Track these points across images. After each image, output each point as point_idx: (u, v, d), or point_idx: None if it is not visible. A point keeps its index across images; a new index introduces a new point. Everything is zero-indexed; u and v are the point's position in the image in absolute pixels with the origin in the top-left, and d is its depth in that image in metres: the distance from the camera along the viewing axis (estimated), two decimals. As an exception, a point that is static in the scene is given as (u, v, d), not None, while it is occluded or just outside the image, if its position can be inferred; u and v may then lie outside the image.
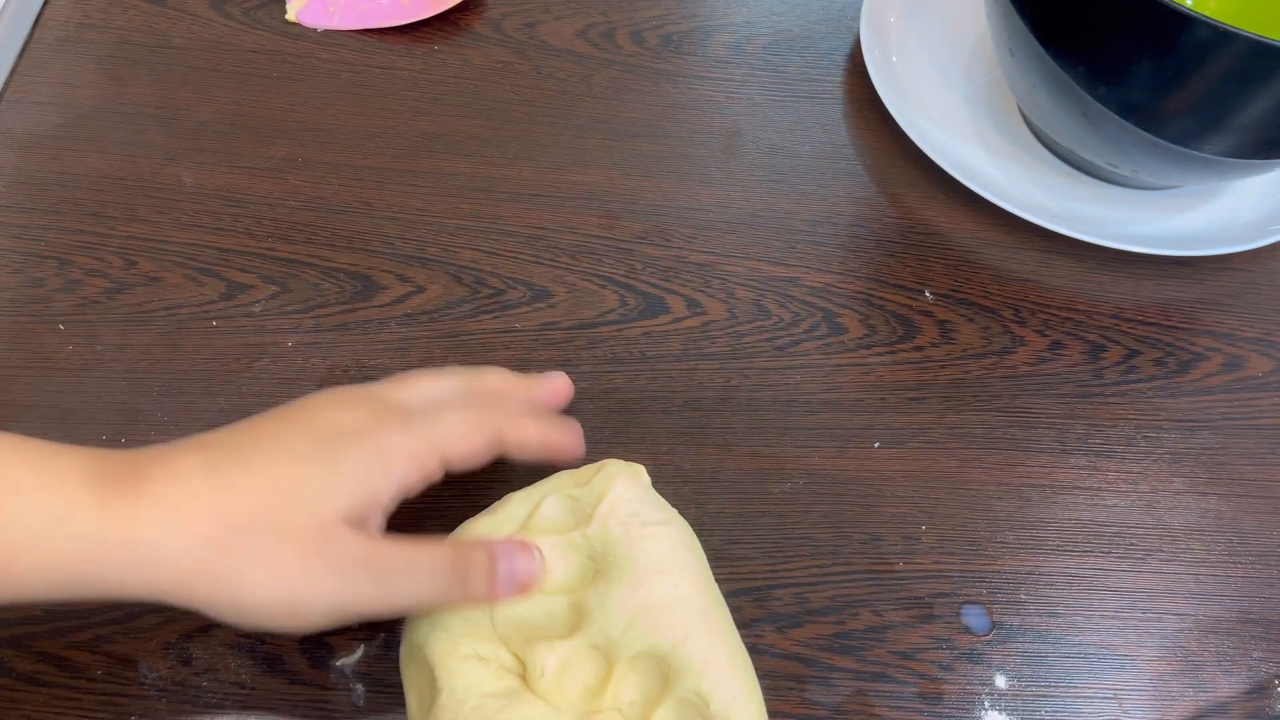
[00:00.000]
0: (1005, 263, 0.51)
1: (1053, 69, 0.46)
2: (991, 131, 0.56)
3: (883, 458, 0.44)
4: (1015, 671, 0.40)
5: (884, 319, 0.49)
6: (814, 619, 0.40)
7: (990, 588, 0.42)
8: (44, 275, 0.46)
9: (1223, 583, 0.43)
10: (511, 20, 0.57)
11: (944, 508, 0.43)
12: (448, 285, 0.47)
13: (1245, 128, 0.43)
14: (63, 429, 0.41)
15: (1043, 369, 0.48)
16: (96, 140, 0.50)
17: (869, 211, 0.52)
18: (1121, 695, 0.40)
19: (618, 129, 0.54)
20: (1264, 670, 0.41)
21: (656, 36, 0.58)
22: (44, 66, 0.52)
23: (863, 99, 0.56)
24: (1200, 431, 0.47)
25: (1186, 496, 0.45)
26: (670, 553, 0.35)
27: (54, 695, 0.36)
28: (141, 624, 0.37)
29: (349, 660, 0.38)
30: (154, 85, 0.52)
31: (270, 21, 0.56)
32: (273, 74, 0.54)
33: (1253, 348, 0.50)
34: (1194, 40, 0.39)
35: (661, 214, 0.51)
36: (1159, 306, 0.51)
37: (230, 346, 0.44)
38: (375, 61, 0.55)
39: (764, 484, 0.43)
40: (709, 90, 0.56)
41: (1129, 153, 0.48)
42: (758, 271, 0.49)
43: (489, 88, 0.55)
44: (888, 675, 0.39)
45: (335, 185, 0.50)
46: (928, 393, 0.47)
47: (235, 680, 0.37)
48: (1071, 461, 0.45)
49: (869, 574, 0.41)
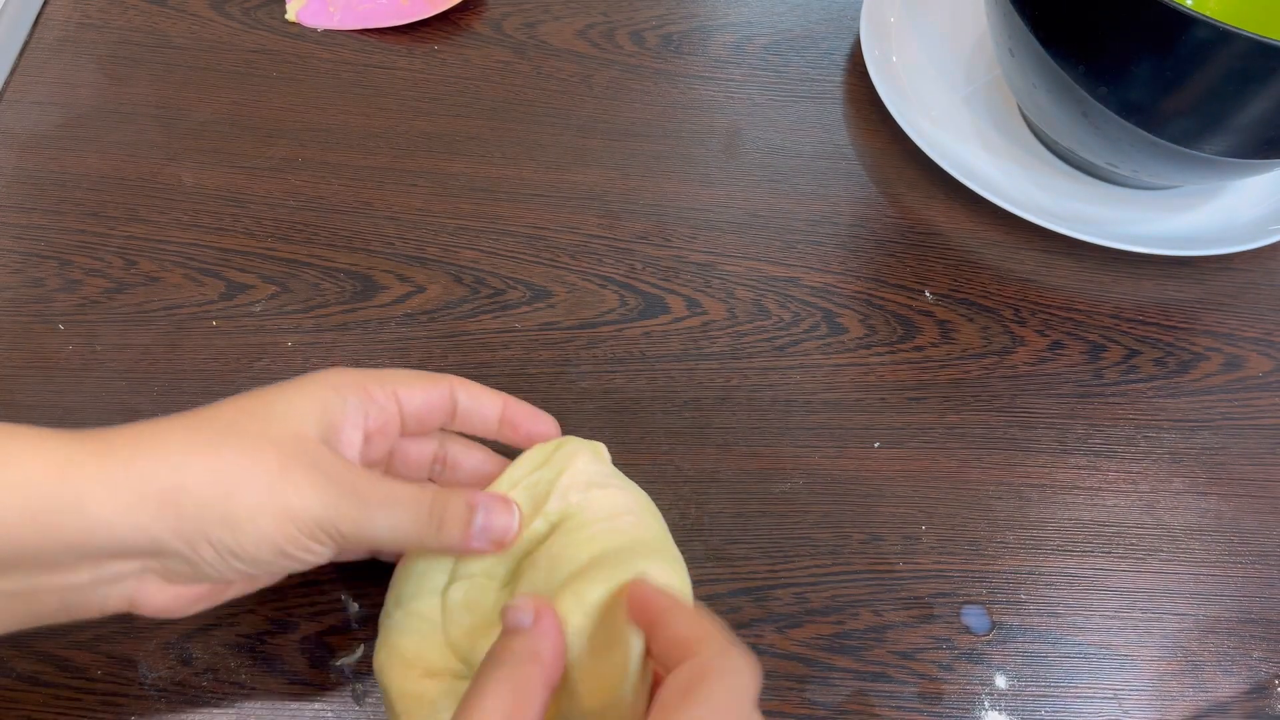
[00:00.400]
0: (1005, 263, 0.51)
1: (1053, 69, 0.46)
2: (991, 131, 0.56)
3: (883, 458, 0.44)
4: (1015, 671, 0.40)
5: (884, 319, 0.49)
6: (814, 619, 0.40)
7: (990, 588, 0.42)
8: (44, 275, 0.46)
9: (1223, 583, 0.43)
10: (511, 20, 0.57)
11: (944, 508, 0.43)
12: (448, 285, 0.47)
13: (1245, 127, 0.43)
14: (63, 428, 0.41)
15: (1043, 369, 0.48)
16: (96, 140, 0.50)
17: (869, 211, 0.52)
18: (1122, 695, 0.40)
19: (618, 129, 0.54)
20: (1264, 670, 0.41)
21: (656, 36, 0.58)
22: (44, 66, 0.52)
23: (863, 99, 0.56)
24: (1200, 431, 0.47)
25: (1186, 496, 0.45)
26: (622, 503, 0.35)
27: (54, 695, 0.36)
28: (141, 624, 0.37)
29: (349, 660, 0.38)
30: (154, 85, 0.52)
31: (270, 21, 0.56)
32: (273, 74, 0.54)
33: (1253, 348, 0.50)
34: (1194, 40, 0.39)
35: (661, 214, 0.51)
36: (1159, 306, 0.51)
37: (230, 346, 0.44)
38: (375, 61, 0.55)
39: (764, 484, 0.43)
40: (709, 90, 0.56)
41: (1129, 153, 0.48)
42: (758, 271, 0.49)
43: (489, 88, 0.55)
44: (888, 675, 0.39)
45: (335, 185, 0.50)
46: (928, 393, 0.47)
47: (235, 680, 0.37)
48: (1071, 461, 0.45)
49: (869, 574, 0.41)
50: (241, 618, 0.38)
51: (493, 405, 0.36)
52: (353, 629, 0.38)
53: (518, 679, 0.28)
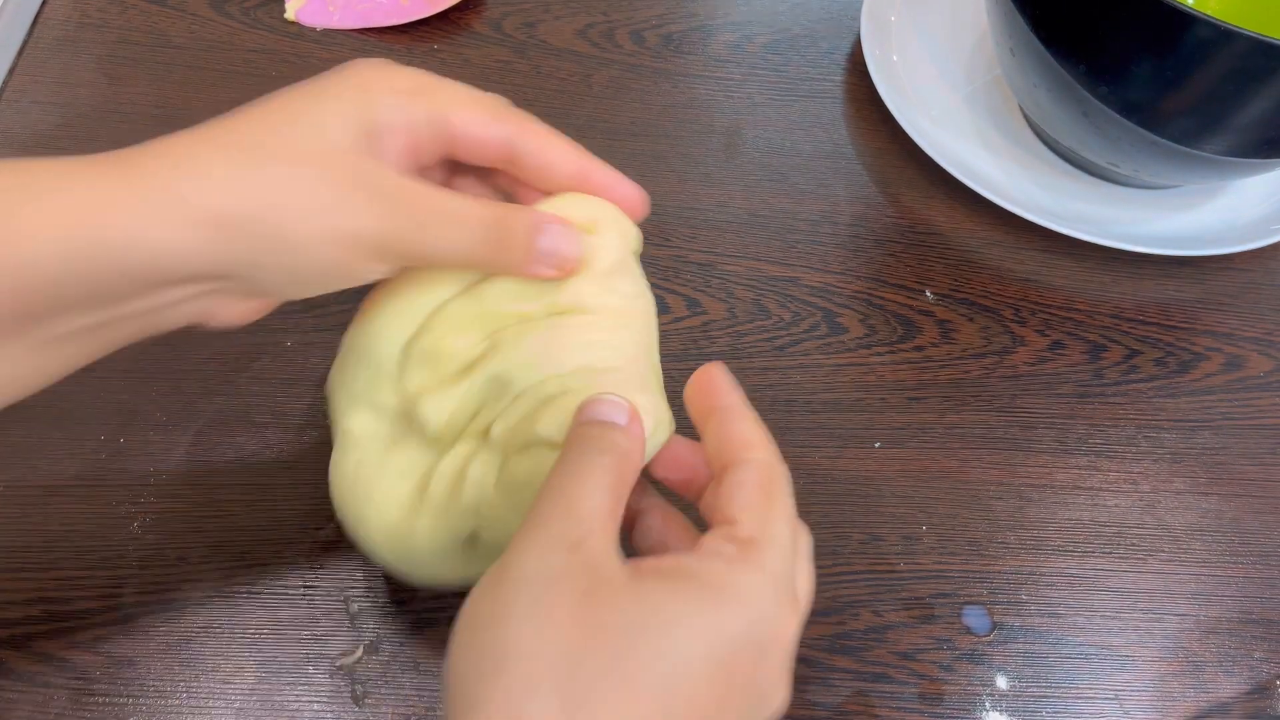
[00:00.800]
0: (1005, 262, 0.51)
1: (1053, 68, 0.46)
2: (992, 131, 0.56)
3: (883, 458, 0.44)
4: (1016, 672, 0.40)
5: (884, 319, 0.49)
6: (814, 619, 0.40)
7: (991, 588, 0.42)
8: (43, 275, 0.45)
9: (1223, 583, 0.43)
10: (511, 20, 0.57)
11: (944, 508, 0.43)
12: (447, 285, 0.47)
13: (1246, 127, 0.43)
14: (63, 429, 0.41)
15: (1043, 369, 0.48)
16: (96, 140, 0.50)
17: (869, 211, 0.52)
18: (1123, 696, 0.40)
19: (618, 129, 0.54)
20: (1265, 670, 0.41)
21: (656, 36, 0.58)
22: (43, 66, 0.52)
23: (863, 98, 0.56)
24: (1201, 431, 0.47)
25: (1187, 496, 0.45)
26: (630, 319, 0.32)
27: (54, 695, 0.36)
28: (141, 624, 0.37)
29: (349, 660, 0.38)
30: (153, 85, 0.52)
31: (270, 21, 0.56)
32: (272, 74, 0.53)
33: (1253, 347, 0.50)
34: (1195, 39, 0.39)
35: (661, 214, 0.51)
36: (1159, 306, 0.51)
37: (230, 346, 0.44)
38: (375, 61, 0.55)
39: (764, 484, 0.43)
40: (709, 90, 0.56)
41: (1130, 152, 0.48)
42: (758, 271, 0.49)
43: (488, 87, 0.54)
44: (888, 676, 0.39)
45: (335, 185, 0.50)
46: (928, 393, 0.46)
47: (235, 680, 0.37)
48: (1072, 461, 0.45)
49: (869, 574, 0.41)
50: (242, 618, 0.38)
51: (566, 160, 0.32)
52: (354, 631, 0.38)
53: (621, 470, 0.27)
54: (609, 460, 0.27)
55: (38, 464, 0.41)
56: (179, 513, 0.40)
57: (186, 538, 0.39)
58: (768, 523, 0.27)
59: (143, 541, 0.39)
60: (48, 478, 0.40)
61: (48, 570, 0.38)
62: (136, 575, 0.38)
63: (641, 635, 0.24)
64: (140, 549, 0.39)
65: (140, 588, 0.38)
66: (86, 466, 0.41)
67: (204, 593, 0.38)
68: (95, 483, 0.40)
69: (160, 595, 0.38)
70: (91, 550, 0.39)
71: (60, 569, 0.38)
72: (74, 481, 0.40)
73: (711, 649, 0.24)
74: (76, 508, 0.40)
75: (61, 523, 0.39)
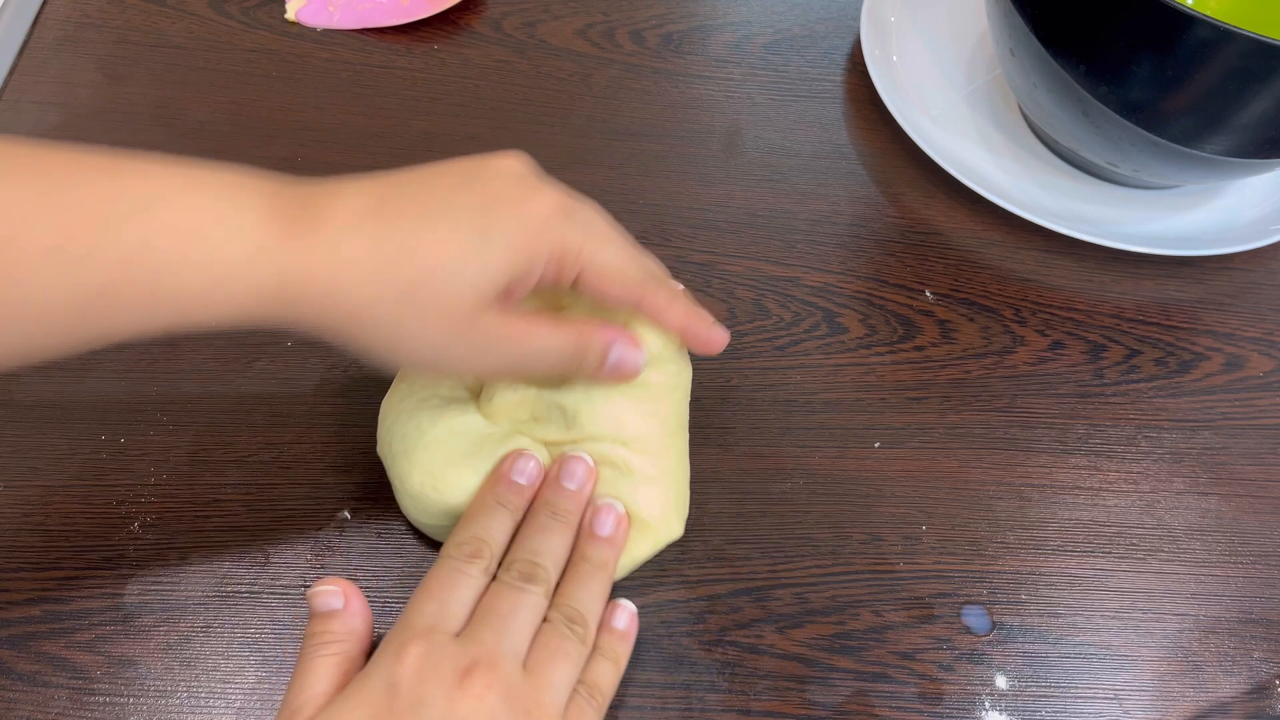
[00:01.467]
0: (1006, 262, 0.51)
1: (1053, 68, 0.46)
2: (992, 131, 0.56)
3: (883, 458, 0.44)
4: (1016, 672, 0.40)
5: (884, 319, 0.49)
6: (814, 619, 0.40)
7: (991, 588, 0.42)
8: (43, 275, 0.45)
9: (1223, 583, 0.43)
10: (511, 20, 0.57)
11: (944, 508, 0.43)
12: (447, 285, 0.47)
13: (1246, 127, 0.43)
14: (63, 429, 0.41)
15: (1043, 369, 0.48)
16: (96, 140, 0.50)
17: (869, 211, 0.52)
18: (1122, 696, 0.40)
19: (618, 129, 0.54)
20: (1265, 671, 0.41)
21: (656, 36, 0.58)
22: (43, 66, 0.52)
23: (863, 98, 0.56)
24: (1201, 431, 0.47)
25: (1187, 496, 0.45)
26: (662, 391, 0.39)
27: (54, 695, 0.36)
28: (141, 624, 0.38)
29: (349, 660, 0.37)
30: (153, 85, 0.52)
31: (270, 21, 0.56)
32: (272, 74, 0.53)
33: (1254, 348, 0.50)
34: (1195, 39, 0.39)
35: (661, 214, 0.51)
36: (1160, 306, 0.51)
37: (229, 346, 0.44)
38: (375, 61, 0.55)
39: (764, 484, 0.43)
40: (709, 90, 0.56)
41: (1129, 152, 0.48)
42: (758, 271, 0.49)
43: (489, 87, 0.54)
44: (888, 675, 0.39)
45: (335, 185, 0.50)
46: (928, 393, 0.46)
47: (235, 680, 0.37)
48: (1072, 461, 0.45)
49: (869, 574, 0.41)
50: (242, 618, 0.38)
51: (671, 323, 0.38)
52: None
53: (342, 658, 0.33)
54: (330, 653, 0.33)
55: (38, 464, 0.41)
56: (179, 513, 0.40)
57: (186, 538, 0.39)
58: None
59: (143, 541, 0.39)
60: (48, 478, 0.40)
61: (48, 570, 0.38)
62: (136, 575, 0.38)
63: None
64: (140, 549, 0.39)
65: (140, 588, 0.38)
66: (86, 466, 0.41)
67: (204, 593, 0.38)
68: (95, 483, 0.40)
69: (160, 595, 0.38)
70: (91, 550, 0.39)
71: (60, 569, 0.38)
72: (74, 481, 0.40)
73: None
74: (76, 508, 0.40)
75: (61, 523, 0.39)
